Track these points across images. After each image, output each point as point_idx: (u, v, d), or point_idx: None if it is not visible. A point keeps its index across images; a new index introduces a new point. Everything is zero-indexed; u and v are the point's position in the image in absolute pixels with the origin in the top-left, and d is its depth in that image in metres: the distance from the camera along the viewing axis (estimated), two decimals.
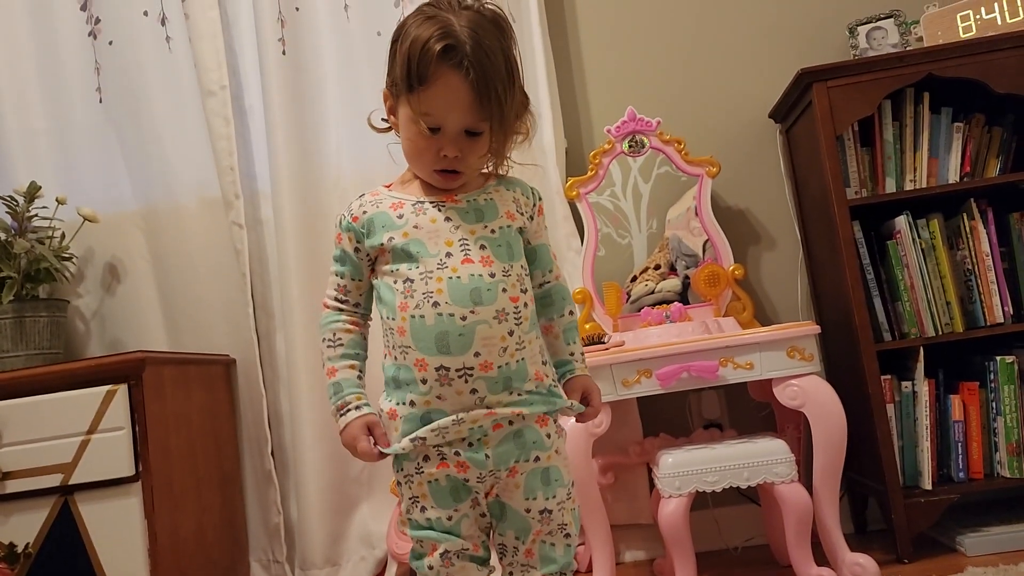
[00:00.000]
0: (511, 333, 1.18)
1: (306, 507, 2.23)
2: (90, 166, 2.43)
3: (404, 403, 1.19)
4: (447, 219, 1.22)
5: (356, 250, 1.27)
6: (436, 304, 1.16)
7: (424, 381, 1.16)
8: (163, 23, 2.41)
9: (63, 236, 2.29)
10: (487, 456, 1.18)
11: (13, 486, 1.87)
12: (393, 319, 1.20)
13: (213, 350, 2.32)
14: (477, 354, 1.16)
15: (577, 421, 1.33)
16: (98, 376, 1.89)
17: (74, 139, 2.43)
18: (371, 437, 1.22)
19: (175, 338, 2.37)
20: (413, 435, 1.17)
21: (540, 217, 1.33)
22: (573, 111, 2.41)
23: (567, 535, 1.24)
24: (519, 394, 1.19)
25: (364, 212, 1.26)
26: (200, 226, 2.37)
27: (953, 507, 1.89)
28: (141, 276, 2.40)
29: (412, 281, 1.19)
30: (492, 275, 1.18)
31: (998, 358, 1.92)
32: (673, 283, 2.19)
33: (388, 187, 1.30)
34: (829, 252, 2.04)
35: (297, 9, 2.35)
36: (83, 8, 2.44)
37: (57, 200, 2.27)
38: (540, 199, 1.34)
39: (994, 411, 1.93)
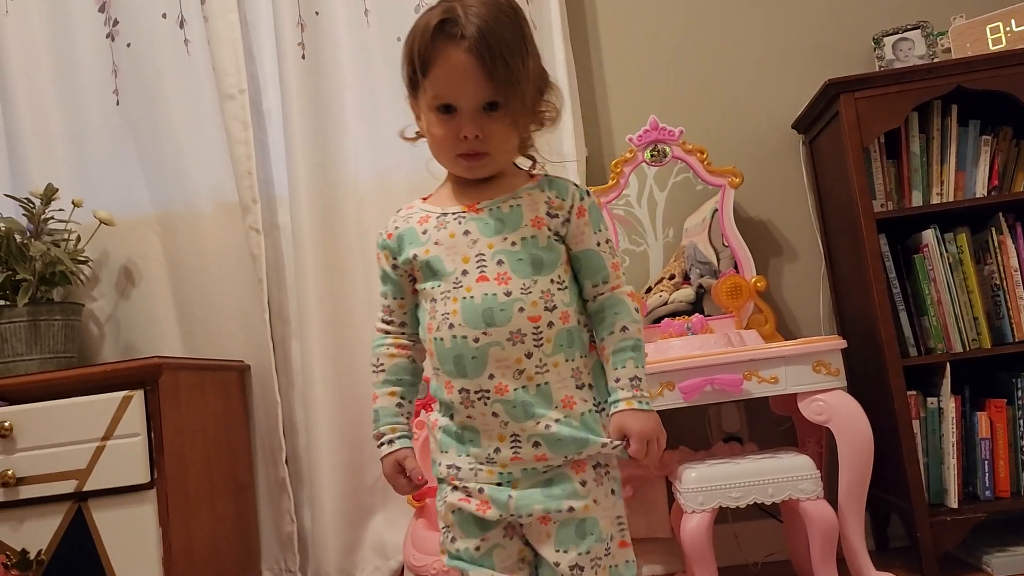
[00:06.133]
0: (529, 355, 1.12)
1: (320, 516, 2.20)
2: (107, 169, 2.41)
3: (445, 416, 1.18)
4: (466, 232, 1.17)
5: (394, 267, 1.23)
6: (452, 326, 1.13)
7: (452, 403, 1.15)
8: (182, 26, 2.39)
9: (79, 239, 2.27)
10: (509, 497, 1.12)
11: (26, 492, 1.84)
12: (426, 341, 1.18)
13: (227, 356, 2.29)
14: (491, 376, 1.12)
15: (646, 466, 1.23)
16: (114, 381, 1.87)
17: (91, 141, 2.41)
18: (407, 472, 1.20)
19: (189, 343, 2.35)
20: (451, 463, 1.16)
21: (582, 219, 1.20)
22: (594, 120, 2.39)
23: None
24: (544, 425, 1.11)
25: (396, 228, 1.23)
26: (216, 230, 2.35)
27: (979, 526, 1.86)
28: (156, 280, 2.38)
29: (435, 301, 1.16)
30: (508, 293, 1.12)
31: None
32: (686, 293, 2.17)
33: (425, 199, 1.25)
34: (854, 265, 2.02)
35: (317, 13, 2.33)
36: (101, 10, 2.42)
37: (73, 203, 2.25)
38: (583, 198, 1.21)
39: (1022, 429, 1.90)
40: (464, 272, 1.14)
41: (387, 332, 1.26)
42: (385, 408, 1.23)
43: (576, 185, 1.23)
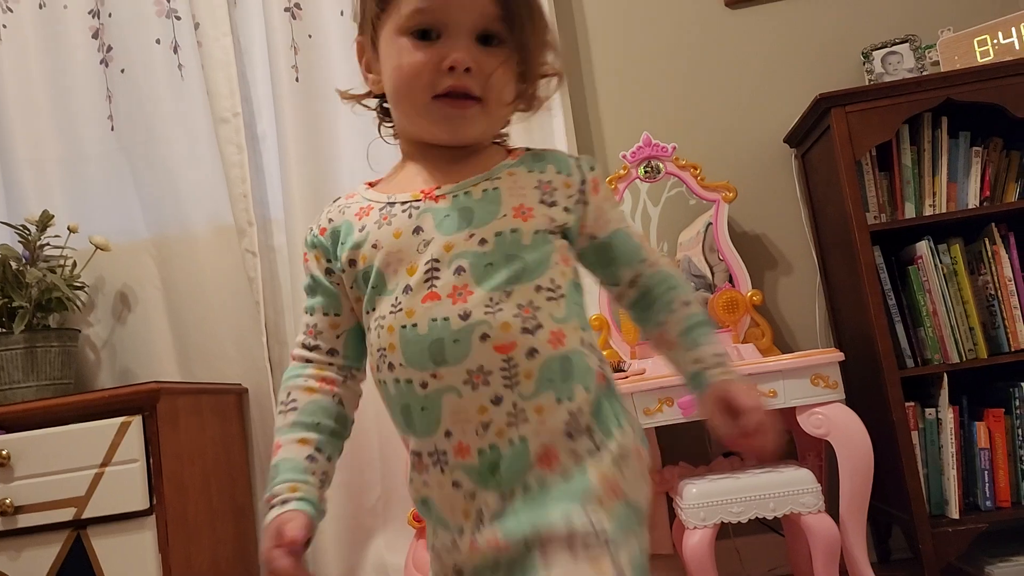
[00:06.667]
0: (497, 401, 0.80)
1: (320, 539, 2.19)
2: (102, 194, 2.40)
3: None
4: (416, 230, 0.85)
5: (328, 272, 0.92)
6: (392, 366, 0.83)
7: (412, 464, 0.87)
8: (175, 51, 2.40)
9: (75, 265, 2.26)
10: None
11: (25, 520, 1.82)
12: (374, 383, 0.90)
13: (225, 380, 2.29)
14: (448, 433, 0.82)
15: (749, 456, 0.97)
16: (112, 407, 1.85)
17: (86, 167, 2.40)
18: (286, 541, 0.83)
19: (186, 367, 2.34)
20: (442, 543, 0.88)
21: (598, 195, 0.91)
22: (587, 137, 2.40)
23: None
24: (514, 500, 0.81)
25: (330, 221, 0.92)
26: (212, 254, 2.34)
27: (981, 536, 1.86)
28: (152, 305, 2.37)
29: (370, 331, 0.87)
30: (465, 315, 0.80)
31: (1023, 384, 1.90)
32: None
33: (372, 185, 0.95)
34: (849, 278, 2.03)
35: (310, 36, 2.34)
36: (95, 36, 2.43)
37: (69, 228, 2.25)
38: (592, 168, 0.92)
39: (1020, 438, 1.90)
40: (407, 289, 0.83)
41: (307, 360, 0.93)
42: (288, 460, 0.87)
43: (575, 156, 0.94)
